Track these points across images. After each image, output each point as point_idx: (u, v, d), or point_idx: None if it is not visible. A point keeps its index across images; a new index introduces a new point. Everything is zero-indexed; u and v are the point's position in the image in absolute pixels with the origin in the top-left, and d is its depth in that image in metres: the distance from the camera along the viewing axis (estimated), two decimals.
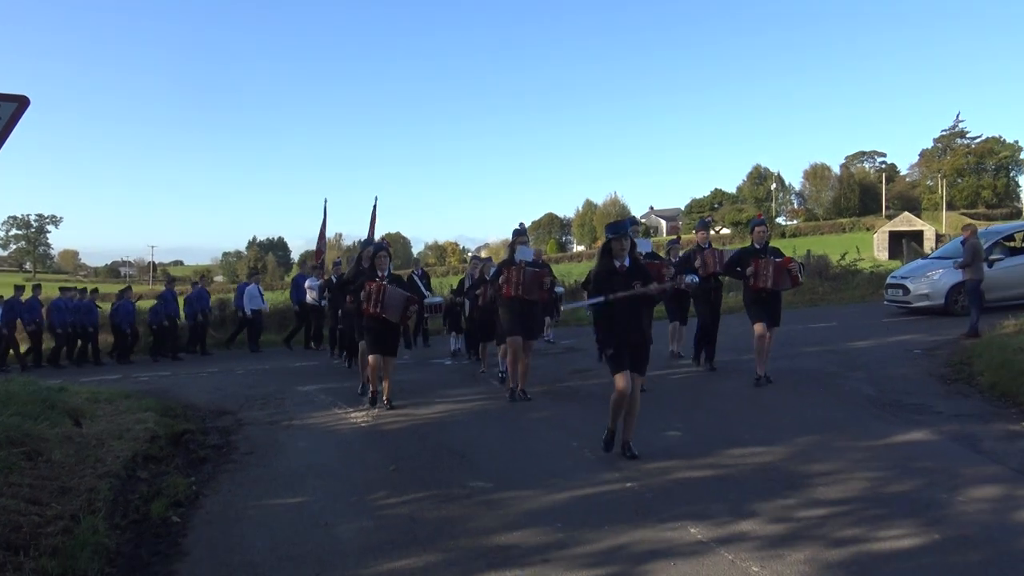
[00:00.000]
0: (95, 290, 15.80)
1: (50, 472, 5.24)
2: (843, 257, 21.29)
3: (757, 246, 8.11)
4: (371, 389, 8.10)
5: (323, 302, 13.36)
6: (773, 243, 8.52)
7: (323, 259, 15.05)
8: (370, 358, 7.89)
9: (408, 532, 4.05)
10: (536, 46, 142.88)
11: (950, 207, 77.45)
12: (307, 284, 14.66)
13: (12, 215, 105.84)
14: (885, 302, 14.82)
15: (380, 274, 7.73)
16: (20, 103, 7.07)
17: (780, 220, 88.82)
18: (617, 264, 5.49)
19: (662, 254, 10.15)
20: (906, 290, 14.07)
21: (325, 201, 14.57)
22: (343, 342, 11.74)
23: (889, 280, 15.10)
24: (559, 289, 12.36)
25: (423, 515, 4.32)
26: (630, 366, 5.29)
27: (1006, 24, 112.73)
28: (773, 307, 8.01)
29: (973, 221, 35.43)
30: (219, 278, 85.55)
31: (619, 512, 4.19)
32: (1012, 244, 14.35)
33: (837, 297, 18.80)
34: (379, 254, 7.91)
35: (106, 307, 15.34)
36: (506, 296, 7.89)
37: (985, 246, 13.69)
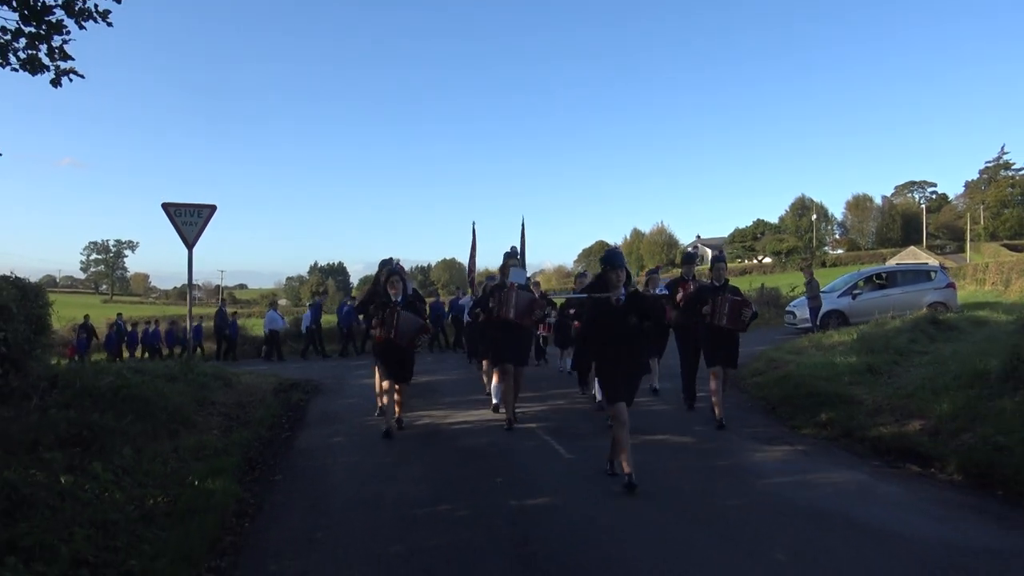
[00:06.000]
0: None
1: (240, 391, 11.21)
2: (793, 290, 26.19)
3: (716, 283, 8.03)
4: (385, 423, 7.85)
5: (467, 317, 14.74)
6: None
7: (473, 277, 16.88)
8: (383, 384, 7.94)
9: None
10: (583, 83, 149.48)
11: (994, 237, 79.01)
12: (460, 302, 18.61)
13: (92, 240, 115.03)
14: (785, 324, 19.89)
15: (394, 299, 7.63)
16: (212, 209, 13.25)
17: (826, 249, 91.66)
18: (612, 298, 5.45)
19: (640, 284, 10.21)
20: (795, 315, 19.14)
21: (473, 224, 15.49)
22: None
23: (787, 308, 20.22)
24: (551, 320, 12.41)
25: (410, 403, 10.07)
26: (625, 396, 5.45)
27: None
28: (729, 346, 7.93)
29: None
30: (283, 302, 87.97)
31: (487, 405, 9.85)
32: (879, 281, 19.24)
33: (777, 321, 23.70)
34: (391, 278, 7.75)
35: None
36: (497, 319, 8.04)
37: (853, 283, 18.81)
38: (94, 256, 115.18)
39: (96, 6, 7.33)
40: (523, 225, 15.64)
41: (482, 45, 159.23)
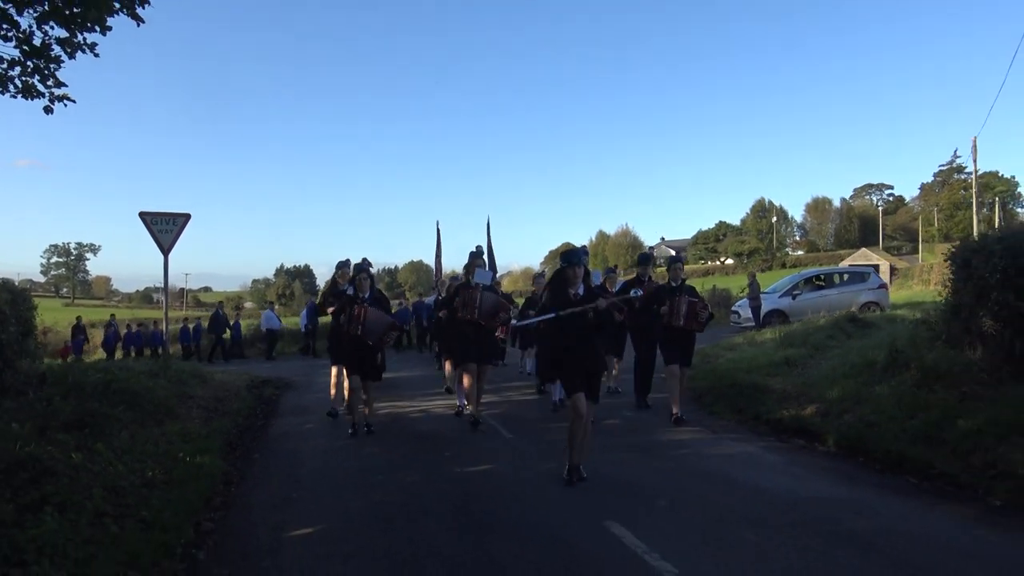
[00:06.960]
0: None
1: (215, 387, 12.03)
2: (742, 291, 27.56)
3: (673, 284, 8.26)
4: (352, 421, 8.01)
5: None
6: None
7: (439, 277, 17.37)
8: (348, 381, 8.01)
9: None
10: (547, 84, 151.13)
11: (947, 239, 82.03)
12: (426, 301, 20.47)
13: (53, 244, 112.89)
14: (731, 323, 21.19)
15: (361, 296, 7.69)
16: (187, 218, 14.02)
17: (787, 251, 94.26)
18: (571, 292, 5.69)
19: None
20: (739, 315, 20.44)
21: (437, 223, 15.71)
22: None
23: (732, 308, 21.56)
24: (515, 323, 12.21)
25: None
26: (584, 390, 5.61)
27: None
28: (685, 345, 8.22)
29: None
30: (248, 304, 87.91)
31: (443, 398, 10.82)
32: (818, 282, 20.63)
33: (726, 321, 25.03)
34: (359, 276, 7.82)
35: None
36: (462, 319, 8.13)
37: (792, 283, 20.16)
38: (55, 259, 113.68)
39: (85, 38, 8.15)
40: (488, 226, 16.05)
41: (446, 45, 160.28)
